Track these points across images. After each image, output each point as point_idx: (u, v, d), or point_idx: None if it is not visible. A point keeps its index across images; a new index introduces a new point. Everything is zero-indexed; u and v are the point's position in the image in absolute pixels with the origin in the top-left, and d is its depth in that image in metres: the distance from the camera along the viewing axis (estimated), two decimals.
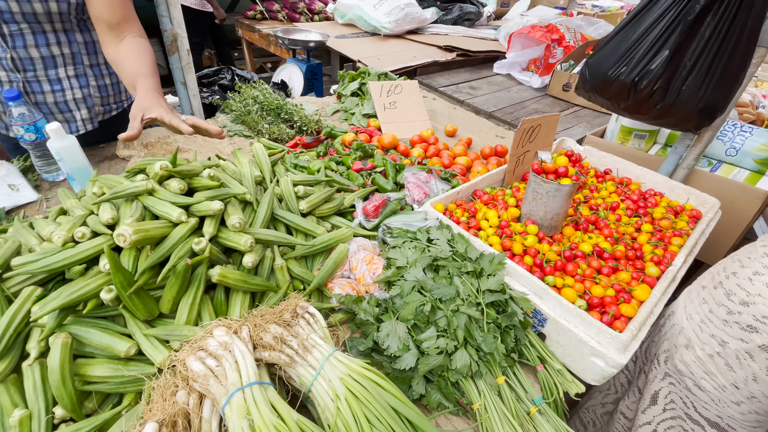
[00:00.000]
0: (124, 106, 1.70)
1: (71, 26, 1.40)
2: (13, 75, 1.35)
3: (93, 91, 1.54)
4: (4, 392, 0.74)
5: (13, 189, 1.39)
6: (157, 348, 0.77)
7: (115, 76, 1.61)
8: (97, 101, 1.57)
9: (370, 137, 1.89)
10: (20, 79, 1.36)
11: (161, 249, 0.84)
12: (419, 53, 3.03)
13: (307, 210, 1.12)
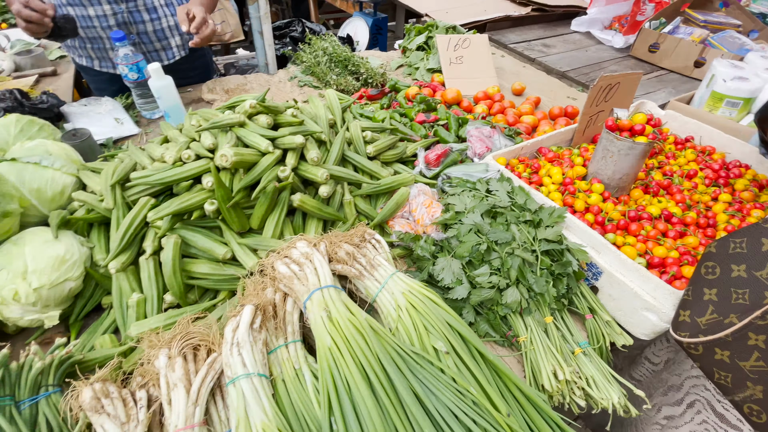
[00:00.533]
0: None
1: None
2: (117, 6, 1.51)
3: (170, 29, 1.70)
4: (125, 279, 0.93)
5: (119, 122, 1.60)
6: (248, 255, 0.91)
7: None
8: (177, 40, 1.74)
9: (433, 92, 1.89)
10: (124, 9, 1.52)
11: (252, 173, 0.96)
12: (490, 7, 2.87)
13: (373, 154, 1.19)
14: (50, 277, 0.84)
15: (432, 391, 0.64)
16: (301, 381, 0.69)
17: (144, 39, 1.65)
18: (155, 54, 1.72)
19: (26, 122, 1.25)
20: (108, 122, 1.57)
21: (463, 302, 0.90)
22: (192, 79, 1.88)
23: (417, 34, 2.29)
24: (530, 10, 2.92)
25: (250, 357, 0.66)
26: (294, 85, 1.98)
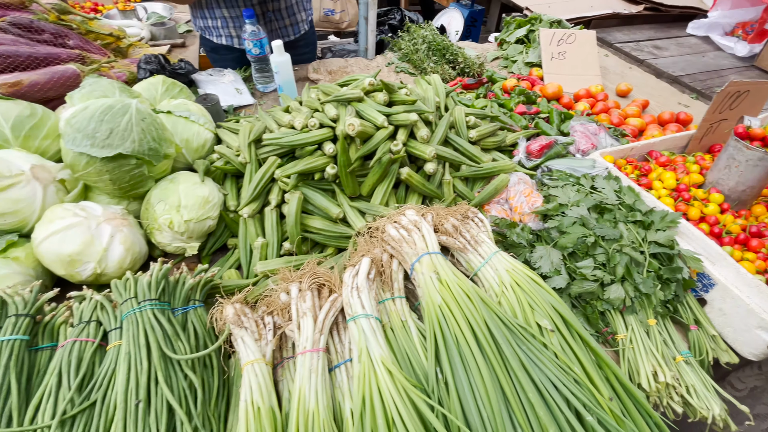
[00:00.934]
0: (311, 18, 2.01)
1: None
2: None
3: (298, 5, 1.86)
4: (251, 224, 1.05)
5: (238, 92, 1.78)
6: (358, 217, 0.99)
7: None
8: (308, 5, 1.90)
9: (532, 85, 1.85)
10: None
11: (369, 144, 1.04)
12: (598, 3, 2.71)
13: (475, 139, 1.22)
14: (197, 213, 0.99)
15: (534, 362, 0.67)
16: (407, 331, 0.75)
17: (277, 16, 1.82)
18: (284, 30, 1.88)
19: (170, 83, 1.45)
20: (230, 91, 1.76)
21: (560, 292, 0.91)
22: (302, 58, 2.03)
23: (517, 27, 2.25)
24: (642, 9, 2.71)
25: (368, 301, 0.74)
26: (390, 70, 2.05)
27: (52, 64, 1.34)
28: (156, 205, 0.97)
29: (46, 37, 1.50)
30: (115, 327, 0.75)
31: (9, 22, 1.43)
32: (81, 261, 0.86)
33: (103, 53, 1.63)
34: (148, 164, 0.98)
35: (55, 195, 0.95)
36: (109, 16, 2.29)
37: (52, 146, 1.06)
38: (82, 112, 0.92)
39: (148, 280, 0.78)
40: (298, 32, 1.91)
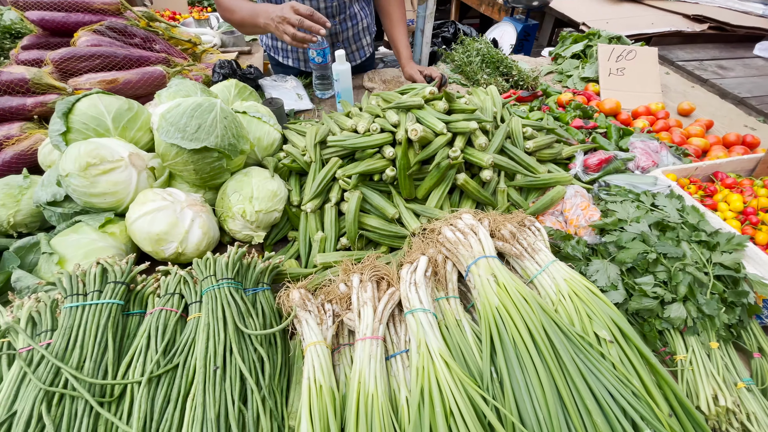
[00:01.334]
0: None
1: None
2: (332, 20, 1.79)
3: (370, 20, 1.95)
4: (312, 219, 1.12)
5: (299, 98, 1.89)
6: (413, 218, 1.04)
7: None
8: (372, 28, 2.01)
9: (588, 100, 1.83)
10: (337, 22, 1.80)
11: (428, 150, 1.08)
12: (658, 20, 2.64)
13: (531, 150, 1.23)
14: (267, 204, 1.07)
15: (592, 370, 0.67)
16: (461, 329, 0.78)
17: (345, 44, 1.93)
18: (351, 55, 2.00)
19: (241, 87, 1.57)
20: (291, 96, 1.87)
21: (617, 308, 0.90)
22: (357, 69, 2.13)
23: (573, 42, 2.23)
24: (706, 28, 2.60)
25: (426, 297, 0.77)
26: None
27: (143, 65, 1.50)
28: (231, 196, 1.07)
29: (137, 41, 1.67)
30: (195, 300, 0.83)
31: (107, 26, 1.62)
32: (166, 240, 0.96)
33: (183, 57, 1.79)
34: (227, 158, 1.07)
35: (146, 180, 1.06)
36: (185, 24, 2.51)
37: (143, 137, 1.18)
38: (175, 108, 1.03)
39: (225, 261, 0.86)
40: (363, 56, 2.04)
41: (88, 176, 0.95)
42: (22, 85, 1.30)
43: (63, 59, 1.34)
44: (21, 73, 1.29)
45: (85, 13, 1.65)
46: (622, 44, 2.10)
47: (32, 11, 1.58)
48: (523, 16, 2.84)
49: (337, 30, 1.84)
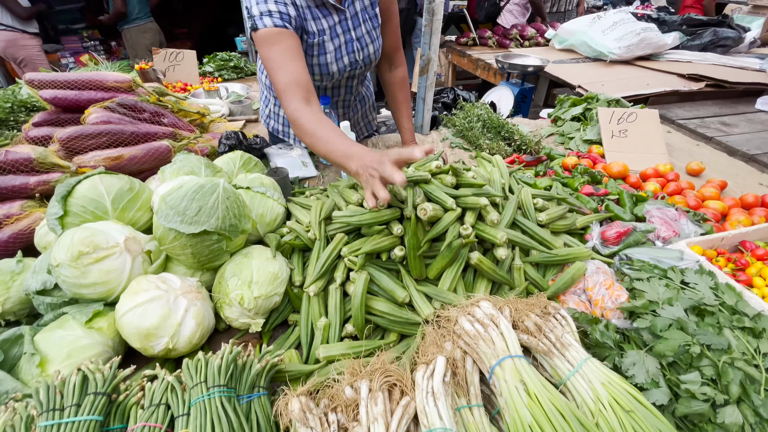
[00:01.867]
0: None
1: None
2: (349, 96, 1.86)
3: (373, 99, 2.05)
4: (315, 302, 1.04)
5: (304, 165, 1.89)
6: (425, 303, 0.96)
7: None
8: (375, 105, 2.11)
9: (593, 163, 1.82)
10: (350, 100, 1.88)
11: (438, 227, 1.03)
12: (653, 81, 2.72)
13: (545, 222, 1.18)
14: (267, 289, 1.00)
15: None
16: None
17: (354, 123, 2.02)
18: (359, 131, 2.07)
19: (246, 158, 1.57)
20: (296, 164, 1.87)
21: (661, 410, 0.79)
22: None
23: (572, 105, 2.28)
24: (703, 86, 2.67)
25: (446, 410, 0.68)
26: (446, 145, 2.12)
27: (150, 140, 1.51)
28: (229, 280, 1.00)
29: (146, 115, 1.71)
30: (183, 413, 0.73)
31: (118, 102, 1.66)
32: (156, 335, 0.88)
33: (190, 129, 1.82)
34: (227, 239, 1.02)
35: (140, 266, 1.00)
36: (195, 95, 2.61)
37: (143, 217, 1.15)
38: (177, 191, 1.00)
39: (218, 363, 0.78)
40: (370, 129, 2.14)
41: (79, 266, 0.90)
42: (27, 164, 1.30)
43: (70, 138, 1.35)
44: (27, 153, 1.29)
45: (98, 90, 1.70)
46: (621, 107, 2.13)
47: (46, 90, 1.63)
48: (519, 80, 2.95)
49: (348, 114, 1.91)
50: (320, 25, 1.47)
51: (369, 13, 1.59)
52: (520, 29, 4.58)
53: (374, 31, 1.62)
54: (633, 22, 3.10)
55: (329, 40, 1.51)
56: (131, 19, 4.70)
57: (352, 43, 1.58)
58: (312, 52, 1.50)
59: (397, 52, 1.83)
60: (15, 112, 2.16)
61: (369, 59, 1.66)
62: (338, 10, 1.50)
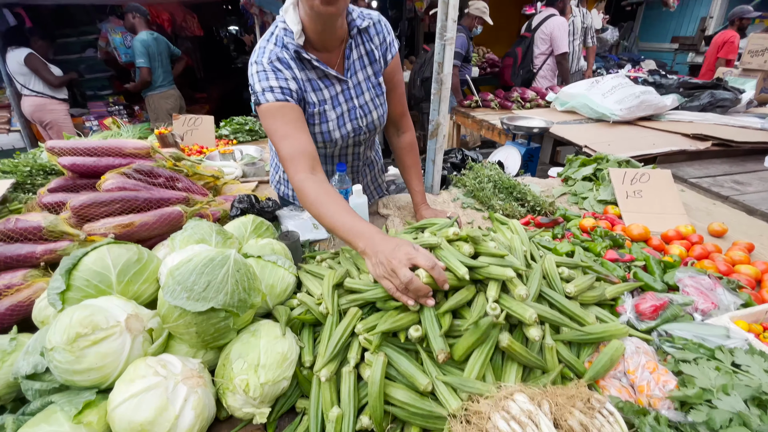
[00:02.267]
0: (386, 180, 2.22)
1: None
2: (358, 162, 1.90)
3: (382, 163, 2.08)
4: (327, 389, 0.95)
5: (315, 227, 1.87)
6: (452, 395, 0.86)
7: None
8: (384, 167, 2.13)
9: (611, 225, 1.77)
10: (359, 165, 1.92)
11: (457, 299, 0.96)
12: (659, 140, 2.76)
13: (573, 294, 1.10)
14: (274, 373, 0.91)
15: None
16: None
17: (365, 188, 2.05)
18: (369, 194, 2.10)
19: (258, 223, 1.55)
20: (307, 226, 1.85)
21: None
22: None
23: (582, 165, 2.29)
24: (710, 145, 2.70)
25: None
26: (457, 206, 2.10)
27: (163, 206, 1.50)
28: (234, 362, 0.92)
29: (161, 180, 1.72)
30: None
31: (134, 168, 1.68)
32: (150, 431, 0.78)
33: (203, 193, 1.83)
34: (234, 316, 0.96)
35: (140, 347, 0.93)
36: (210, 157, 2.68)
37: (148, 289, 1.10)
38: (185, 265, 0.96)
39: None
40: (380, 193, 2.17)
41: (74, 350, 0.83)
42: (36, 233, 1.28)
43: (83, 206, 1.34)
44: (37, 222, 1.28)
45: (116, 156, 1.74)
46: (632, 167, 2.13)
47: (65, 157, 1.67)
48: (525, 140, 3.01)
49: (357, 178, 1.96)
50: (321, 96, 1.50)
51: (372, 82, 1.62)
52: (520, 92, 4.81)
53: (377, 98, 1.65)
54: (631, 85, 3.23)
55: (331, 109, 1.54)
56: (155, 86, 5.02)
57: (355, 110, 1.61)
58: (314, 120, 1.53)
59: (404, 118, 1.85)
60: (33, 175, 2.21)
61: (373, 125, 1.69)
62: (340, 81, 1.53)
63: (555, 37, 4.64)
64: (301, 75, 1.43)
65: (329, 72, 1.48)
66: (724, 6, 9.33)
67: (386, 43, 1.61)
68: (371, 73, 1.61)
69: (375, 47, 1.58)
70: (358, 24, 1.48)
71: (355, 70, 1.56)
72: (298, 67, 1.42)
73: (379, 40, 1.59)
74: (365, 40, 1.55)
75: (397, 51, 1.70)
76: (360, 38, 1.53)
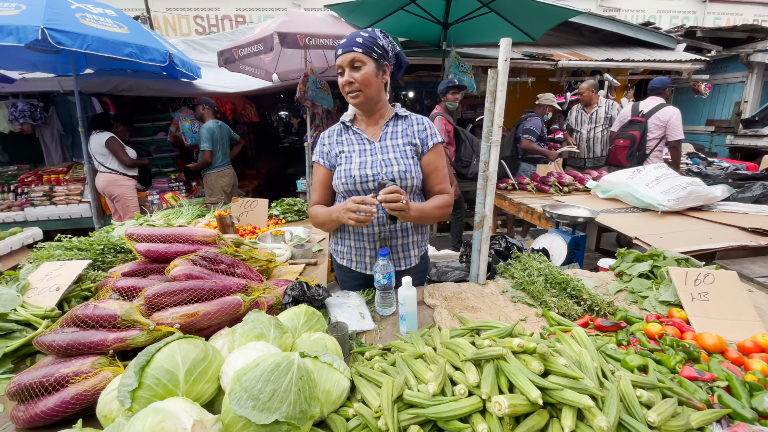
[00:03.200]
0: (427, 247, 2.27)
1: None
2: (383, 228, 1.98)
3: (420, 237, 2.13)
4: None
5: (362, 317, 1.86)
6: None
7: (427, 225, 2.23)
8: (420, 242, 2.16)
9: (680, 332, 1.65)
10: (387, 230, 1.97)
11: (524, 426, 0.90)
12: (715, 234, 2.65)
13: (657, 424, 1.00)
14: None
15: None
16: None
17: (393, 250, 2.06)
18: (396, 261, 2.09)
19: (310, 314, 1.57)
20: (354, 316, 1.85)
21: None
22: (402, 273, 2.17)
23: (636, 261, 2.21)
24: None
25: None
26: (507, 299, 2.04)
27: (224, 295, 1.57)
28: None
29: (223, 267, 1.83)
30: None
31: (200, 255, 1.80)
32: None
33: (259, 279, 1.91)
34: (294, 429, 0.94)
35: None
36: (262, 238, 2.83)
37: (209, 390, 1.11)
38: (253, 370, 0.97)
39: None
40: (409, 264, 2.14)
41: None
42: (111, 320, 1.36)
43: (157, 295, 1.43)
44: (113, 310, 1.37)
45: (185, 243, 1.88)
46: (692, 266, 2.04)
47: (141, 243, 1.83)
48: (570, 228, 2.98)
49: (385, 236, 2.00)
50: (352, 147, 1.94)
51: (400, 148, 1.92)
52: (557, 176, 4.89)
53: (402, 159, 1.91)
54: (676, 176, 3.22)
55: (357, 155, 1.91)
56: (214, 166, 5.55)
57: (377, 161, 1.90)
58: (341, 161, 1.92)
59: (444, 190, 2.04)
60: (104, 253, 2.40)
61: (392, 176, 1.88)
62: (371, 141, 1.93)
63: (673, 125, 5.01)
64: (342, 138, 1.97)
65: (363, 135, 1.94)
66: (758, 91, 9.47)
67: (426, 132, 1.95)
68: (401, 143, 1.93)
69: (413, 131, 1.94)
70: (398, 112, 1.96)
71: (386, 138, 1.93)
72: (343, 133, 1.98)
73: (418, 129, 1.95)
74: (403, 124, 1.94)
75: (440, 142, 1.99)
76: (397, 121, 1.96)
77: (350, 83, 1.76)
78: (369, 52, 1.73)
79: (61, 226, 5.84)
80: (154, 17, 8.99)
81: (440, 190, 2.02)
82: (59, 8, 4.03)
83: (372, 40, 1.74)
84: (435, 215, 1.96)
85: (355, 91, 1.78)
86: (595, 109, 5.93)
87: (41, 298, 1.84)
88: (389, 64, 1.87)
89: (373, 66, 1.76)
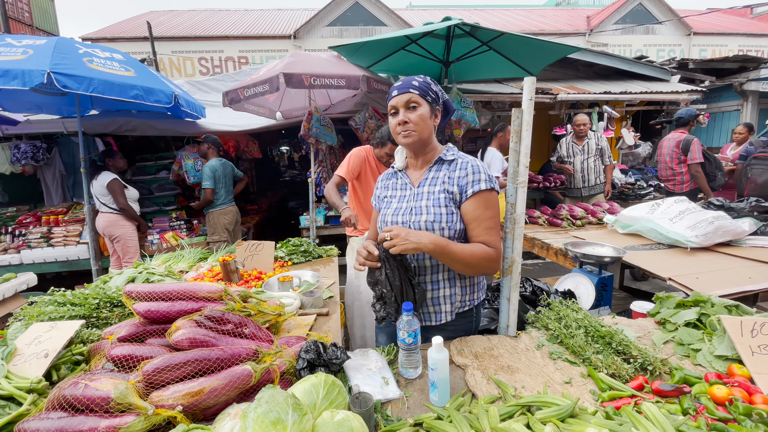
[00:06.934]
0: (475, 304, 2.00)
1: None
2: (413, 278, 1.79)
3: (457, 291, 1.89)
4: None
5: (386, 383, 1.66)
6: None
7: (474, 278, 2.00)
8: (458, 298, 1.91)
9: (748, 394, 1.45)
10: (416, 280, 1.78)
11: None
12: (753, 273, 2.49)
13: None
14: None
15: None
16: None
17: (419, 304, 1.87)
18: (426, 315, 1.91)
19: (330, 385, 1.38)
20: (376, 380, 1.65)
21: None
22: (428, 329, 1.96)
23: (678, 307, 2.03)
24: None
25: None
26: (544, 355, 1.84)
27: (233, 365, 1.38)
28: None
29: (230, 327, 1.64)
30: None
31: (205, 315, 1.62)
32: None
33: (268, 339, 1.72)
34: None
35: None
36: (269, 285, 2.65)
37: None
38: None
39: None
40: (438, 321, 1.93)
41: None
42: (104, 404, 1.17)
43: (157, 371, 1.25)
44: (107, 391, 1.18)
45: (189, 300, 1.71)
46: (743, 312, 1.86)
47: (141, 303, 1.65)
48: (596, 268, 2.82)
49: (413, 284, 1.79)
50: (396, 192, 1.99)
51: (434, 195, 1.85)
52: (568, 209, 4.77)
53: (434, 207, 1.83)
54: (700, 210, 3.09)
55: (396, 201, 1.95)
56: (217, 204, 5.44)
57: (410, 208, 1.86)
58: (384, 204, 2.01)
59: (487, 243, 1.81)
60: (100, 308, 2.22)
61: (418, 225, 1.80)
62: (412, 188, 1.93)
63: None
64: (390, 182, 2.05)
65: (407, 180, 1.96)
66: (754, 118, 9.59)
67: (468, 179, 1.80)
68: (437, 189, 1.83)
69: (455, 177, 1.82)
70: (443, 156, 1.88)
71: (425, 184, 1.88)
72: (391, 177, 2.06)
73: (461, 174, 1.81)
74: (447, 168, 1.85)
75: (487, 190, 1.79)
76: (441, 166, 1.88)
77: (405, 123, 1.75)
78: (424, 95, 1.75)
79: (57, 268, 5.63)
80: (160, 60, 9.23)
81: (482, 242, 1.82)
82: (66, 53, 4.05)
83: (427, 84, 1.78)
84: (468, 262, 1.75)
85: (409, 131, 1.76)
86: (585, 141, 6.18)
87: (28, 366, 1.64)
88: (440, 109, 1.89)
89: (427, 108, 1.77)
